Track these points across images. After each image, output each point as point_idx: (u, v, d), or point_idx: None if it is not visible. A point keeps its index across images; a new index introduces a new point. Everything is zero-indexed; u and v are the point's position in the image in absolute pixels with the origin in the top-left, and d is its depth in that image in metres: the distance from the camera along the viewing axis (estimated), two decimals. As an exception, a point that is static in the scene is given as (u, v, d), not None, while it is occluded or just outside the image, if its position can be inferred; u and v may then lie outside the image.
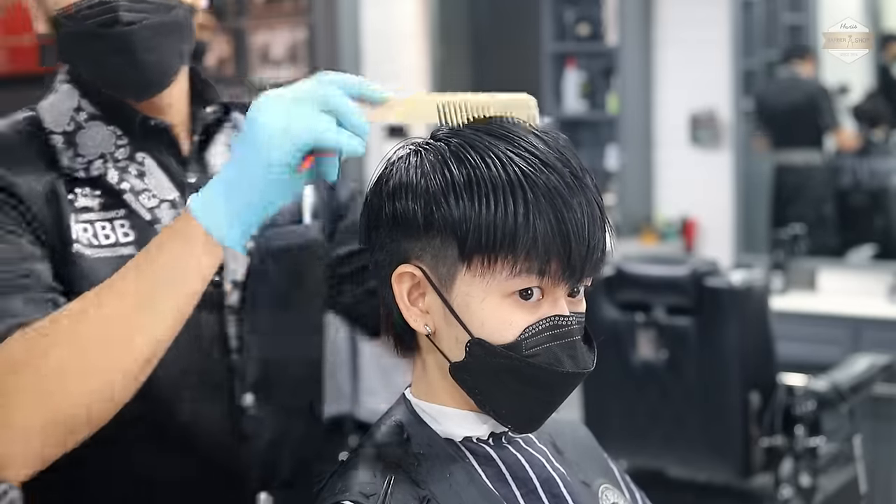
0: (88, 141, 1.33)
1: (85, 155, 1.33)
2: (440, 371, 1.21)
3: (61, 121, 1.34)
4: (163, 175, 1.36)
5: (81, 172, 1.32)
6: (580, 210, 1.15)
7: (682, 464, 3.46)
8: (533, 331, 1.16)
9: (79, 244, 1.30)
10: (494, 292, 1.15)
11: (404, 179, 1.18)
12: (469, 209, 1.14)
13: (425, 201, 1.16)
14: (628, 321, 3.40)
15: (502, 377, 1.17)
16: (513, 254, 1.13)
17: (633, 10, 5.64)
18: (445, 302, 1.17)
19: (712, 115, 5.47)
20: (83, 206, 1.31)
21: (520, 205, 1.13)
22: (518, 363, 1.15)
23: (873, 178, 5.49)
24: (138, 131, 1.35)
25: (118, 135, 1.35)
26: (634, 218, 5.65)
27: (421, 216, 1.16)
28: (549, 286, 1.16)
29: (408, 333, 1.23)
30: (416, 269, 1.18)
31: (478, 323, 1.16)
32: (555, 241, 1.13)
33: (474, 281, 1.16)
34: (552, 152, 1.17)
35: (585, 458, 1.33)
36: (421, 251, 1.17)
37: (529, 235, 1.13)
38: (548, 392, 1.19)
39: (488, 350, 1.16)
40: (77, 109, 1.35)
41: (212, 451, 1.34)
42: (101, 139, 1.34)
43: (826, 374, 3.39)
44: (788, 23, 5.80)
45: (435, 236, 1.16)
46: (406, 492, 1.16)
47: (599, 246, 1.17)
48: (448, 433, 1.22)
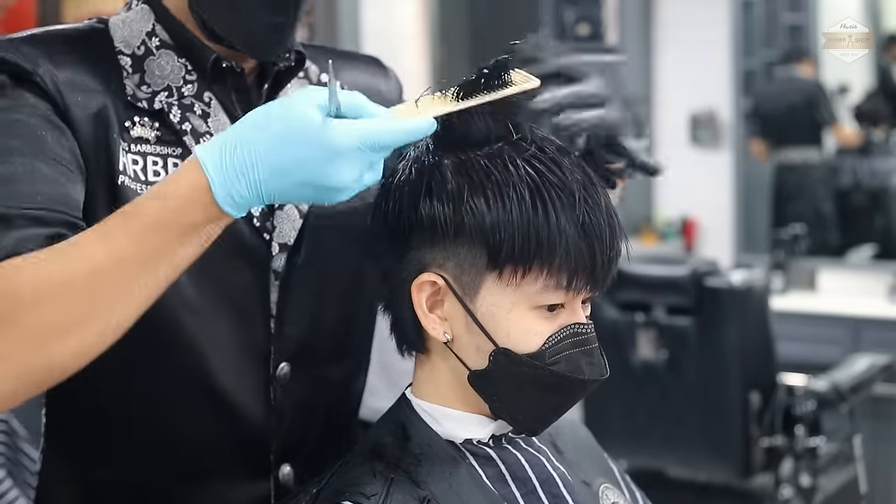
0: (156, 70, 1.25)
1: (150, 84, 1.24)
2: (453, 375, 1.21)
3: (132, 41, 1.26)
4: (227, 120, 1.27)
5: (144, 103, 1.23)
6: (602, 219, 1.15)
7: (682, 464, 3.46)
8: (555, 339, 1.16)
9: (125, 176, 1.21)
10: (522, 303, 1.15)
11: (427, 181, 1.16)
12: (502, 215, 1.12)
13: (454, 207, 1.14)
14: (628, 321, 3.40)
15: (524, 385, 1.17)
16: (548, 263, 1.13)
17: (633, 10, 5.64)
18: (469, 312, 1.16)
19: (712, 115, 5.47)
20: (138, 135, 1.23)
21: (550, 213, 1.12)
22: (542, 372, 1.15)
23: (873, 177, 5.49)
24: (210, 71, 1.27)
25: (188, 69, 1.26)
26: (634, 218, 5.64)
27: (451, 222, 1.14)
28: (570, 295, 1.16)
29: (418, 335, 1.22)
30: (439, 278, 1.16)
31: (503, 333, 1.15)
32: (580, 250, 1.14)
33: (504, 291, 1.15)
34: (567, 158, 1.17)
35: (585, 457, 1.33)
36: (444, 259, 1.16)
37: (562, 245, 1.12)
38: (566, 398, 1.20)
39: (513, 360, 1.15)
40: (150, 34, 1.27)
41: (243, 416, 1.28)
42: (171, 70, 1.26)
43: (826, 374, 3.39)
44: (788, 23, 5.79)
45: (462, 243, 1.14)
46: (406, 492, 1.16)
47: (618, 255, 1.18)
48: (449, 434, 1.22)
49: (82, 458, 1.31)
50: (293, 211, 1.30)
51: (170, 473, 1.29)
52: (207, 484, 1.30)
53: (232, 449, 1.30)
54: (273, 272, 1.28)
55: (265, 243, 1.28)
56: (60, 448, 1.34)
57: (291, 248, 1.29)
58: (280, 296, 1.29)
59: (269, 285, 1.28)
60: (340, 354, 1.37)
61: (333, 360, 1.37)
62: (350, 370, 1.40)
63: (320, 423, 1.36)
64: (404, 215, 1.17)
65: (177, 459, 1.29)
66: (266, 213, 1.28)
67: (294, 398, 1.32)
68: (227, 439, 1.29)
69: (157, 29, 1.27)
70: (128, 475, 1.29)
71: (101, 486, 1.30)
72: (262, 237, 1.27)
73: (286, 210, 1.29)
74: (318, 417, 1.36)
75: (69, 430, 1.33)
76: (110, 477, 1.30)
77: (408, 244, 1.17)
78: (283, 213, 1.29)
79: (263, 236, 1.27)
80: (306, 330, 1.32)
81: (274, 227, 1.28)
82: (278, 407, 1.31)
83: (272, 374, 1.30)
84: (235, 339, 1.27)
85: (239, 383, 1.28)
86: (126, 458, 1.29)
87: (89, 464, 1.31)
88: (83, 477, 1.31)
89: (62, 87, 1.20)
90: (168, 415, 1.27)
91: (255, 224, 1.27)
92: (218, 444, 1.29)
